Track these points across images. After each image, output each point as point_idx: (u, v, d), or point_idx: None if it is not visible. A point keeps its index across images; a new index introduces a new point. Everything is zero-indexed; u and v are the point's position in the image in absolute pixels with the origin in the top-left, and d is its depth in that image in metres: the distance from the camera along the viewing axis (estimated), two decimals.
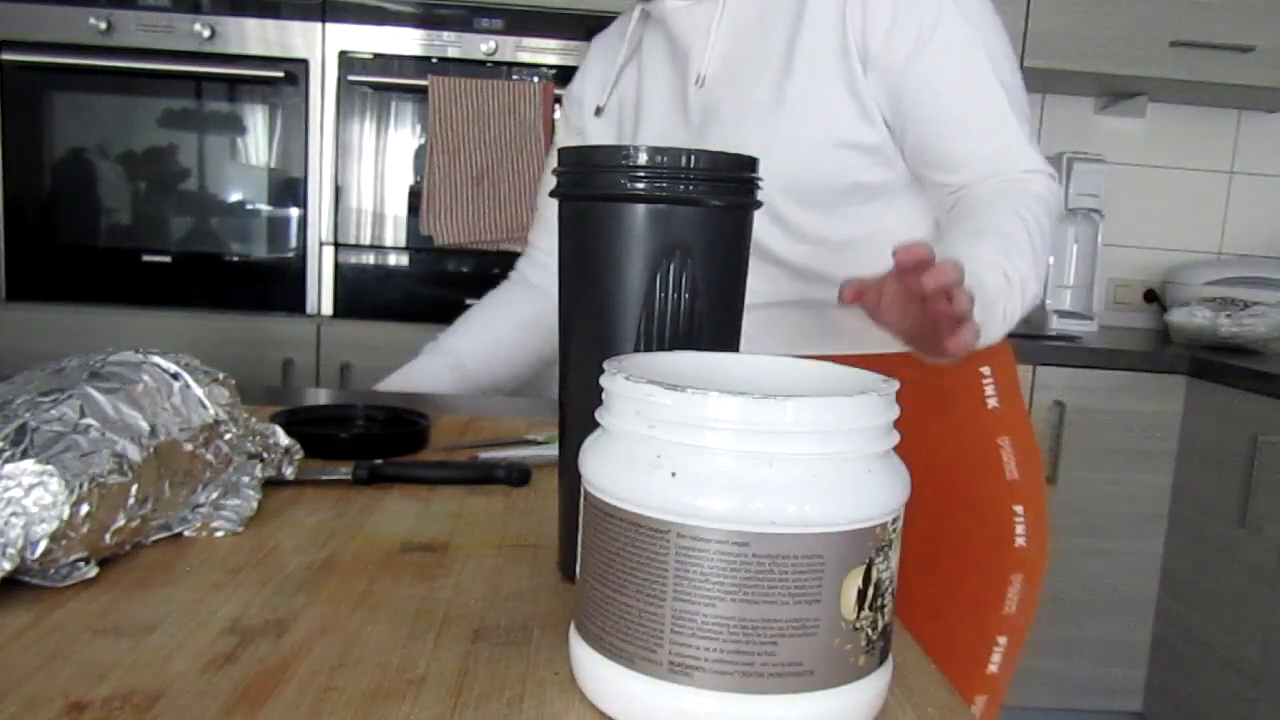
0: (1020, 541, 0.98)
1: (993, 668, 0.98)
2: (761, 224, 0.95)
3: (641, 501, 0.44)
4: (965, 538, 0.97)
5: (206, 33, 2.04)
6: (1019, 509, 0.98)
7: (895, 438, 0.48)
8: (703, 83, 1.00)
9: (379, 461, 0.85)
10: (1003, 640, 0.98)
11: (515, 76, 2.10)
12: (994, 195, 0.91)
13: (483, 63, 2.10)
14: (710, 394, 0.43)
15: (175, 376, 0.72)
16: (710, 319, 0.62)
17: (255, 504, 0.74)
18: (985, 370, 0.99)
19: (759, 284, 1.01)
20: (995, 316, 0.81)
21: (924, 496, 0.94)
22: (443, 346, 1.28)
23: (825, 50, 0.94)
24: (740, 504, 0.42)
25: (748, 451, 0.43)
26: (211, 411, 0.73)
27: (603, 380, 0.48)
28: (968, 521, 0.97)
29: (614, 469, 0.46)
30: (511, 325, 1.29)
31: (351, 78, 2.07)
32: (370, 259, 2.15)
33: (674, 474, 0.43)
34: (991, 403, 0.99)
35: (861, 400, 0.44)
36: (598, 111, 1.12)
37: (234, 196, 2.13)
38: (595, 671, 0.47)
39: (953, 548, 0.97)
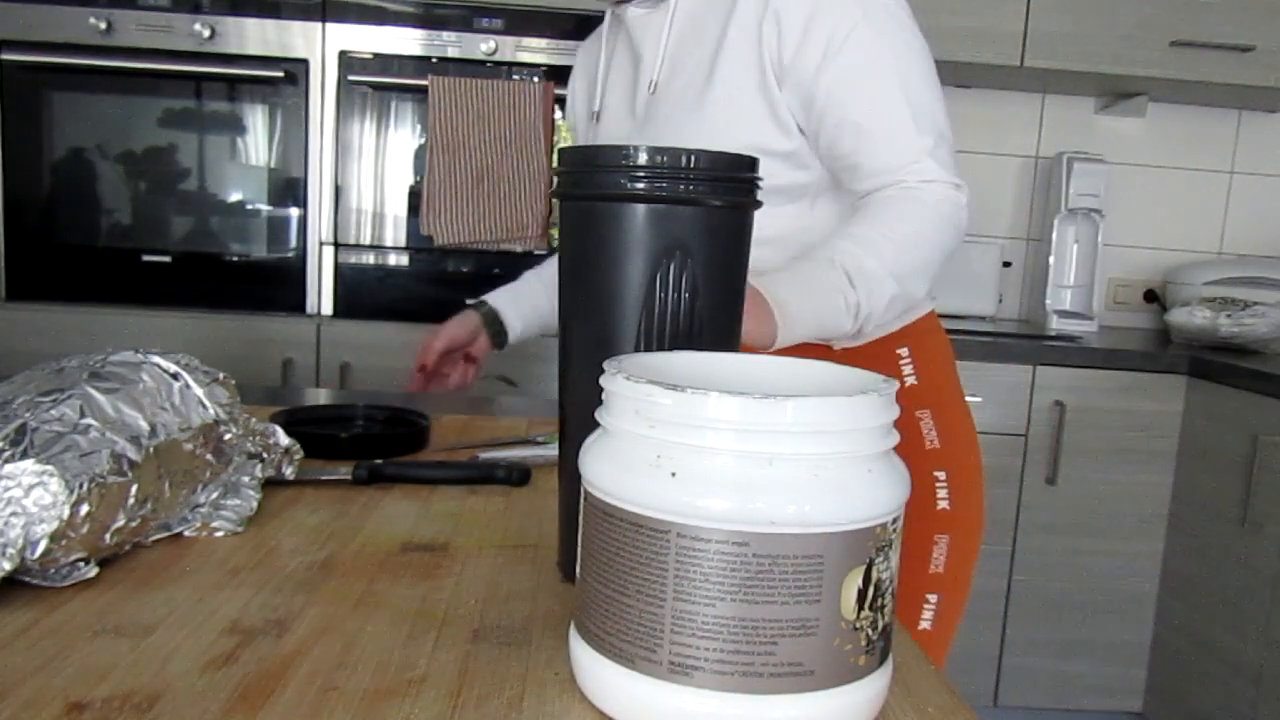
0: (943, 504, 1.04)
1: (925, 624, 1.04)
2: None
3: (641, 501, 0.44)
4: None
5: (206, 33, 2.04)
6: (940, 474, 1.04)
7: (895, 438, 0.48)
8: (654, 89, 1.06)
9: (379, 461, 0.85)
10: (933, 598, 1.04)
11: (515, 76, 2.10)
12: (881, 202, 0.97)
13: (483, 63, 2.10)
14: (710, 394, 0.43)
15: (175, 376, 0.72)
16: (710, 319, 0.62)
17: (255, 504, 0.74)
18: (902, 351, 1.06)
19: None
20: (835, 311, 0.91)
21: None
22: (544, 274, 1.37)
23: (743, 61, 0.99)
24: (740, 504, 0.42)
25: (748, 451, 0.43)
26: (211, 411, 0.73)
27: (603, 380, 0.48)
28: None
29: (614, 469, 0.46)
30: None
31: (351, 78, 2.07)
32: (370, 259, 2.15)
33: (674, 474, 0.43)
34: (910, 380, 1.05)
35: (861, 400, 0.44)
36: (596, 117, 1.16)
37: (234, 196, 2.13)
38: (595, 671, 0.47)
39: None
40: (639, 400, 0.45)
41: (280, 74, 2.06)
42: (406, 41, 2.09)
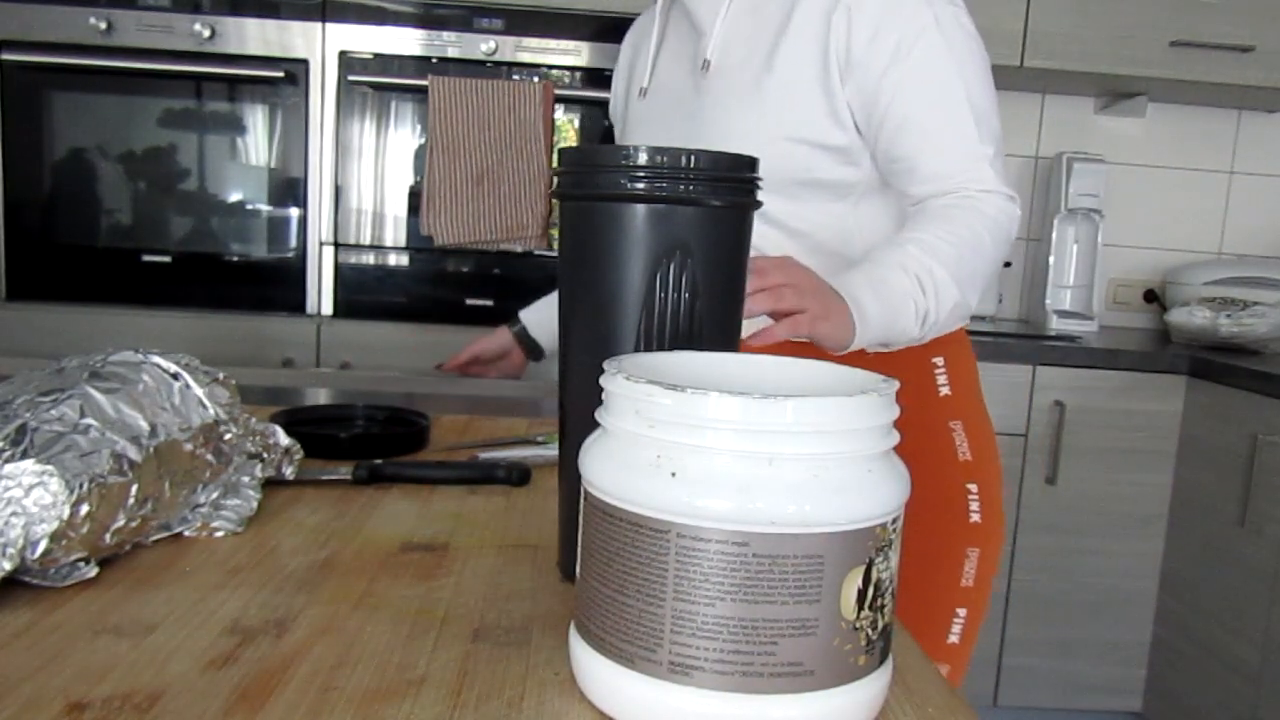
0: (975, 518, 1.04)
1: (954, 638, 1.03)
2: None
3: (641, 501, 0.44)
4: (923, 516, 1.00)
5: (206, 33, 2.04)
6: (973, 487, 1.04)
7: (895, 438, 0.48)
8: (708, 68, 1.04)
9: (379, 461, 0.85)
10: (962, 612, 1.03)
11: (515, 76, 2.10)
12: (942, 209, 0.97)
13: (483, 63, 2.10)
14: (710, 394, 0.43)
15: (175, 376, 0.72)
16: (710, 319, 0.62)
17: (255, 504, 0.74)
18: (938, 361, 1.05)
19: None
20: (906, 316, 0.90)
21: None
22: None
23: (806, 52, 0.99)
24: (740, 504, 0.42)
25: (748, 451, 0.43)
26: (211, 411, 0.73)
27: (603, 380, 0.48)
28: (924, 500, 1.01)
29: (614, 469, 0.46)
30: None
31: (351, 78, 2.07)
32: (370, 259, 2.15)
33: (674, 474, 0.43)
34: (944, 390, 1.04)
35: (861, 400, 0.44)
36: (642, 93, 1.13)
37: (234, 196, 2.13)
38: (595, 671, 0.47)
39: (911, 525, 1.01)
40: (639, 400, 0.45)
41: (280, 74, 2.06)
42: (406, 41, 2.08)
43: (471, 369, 1.37)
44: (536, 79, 2.10)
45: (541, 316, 1.40)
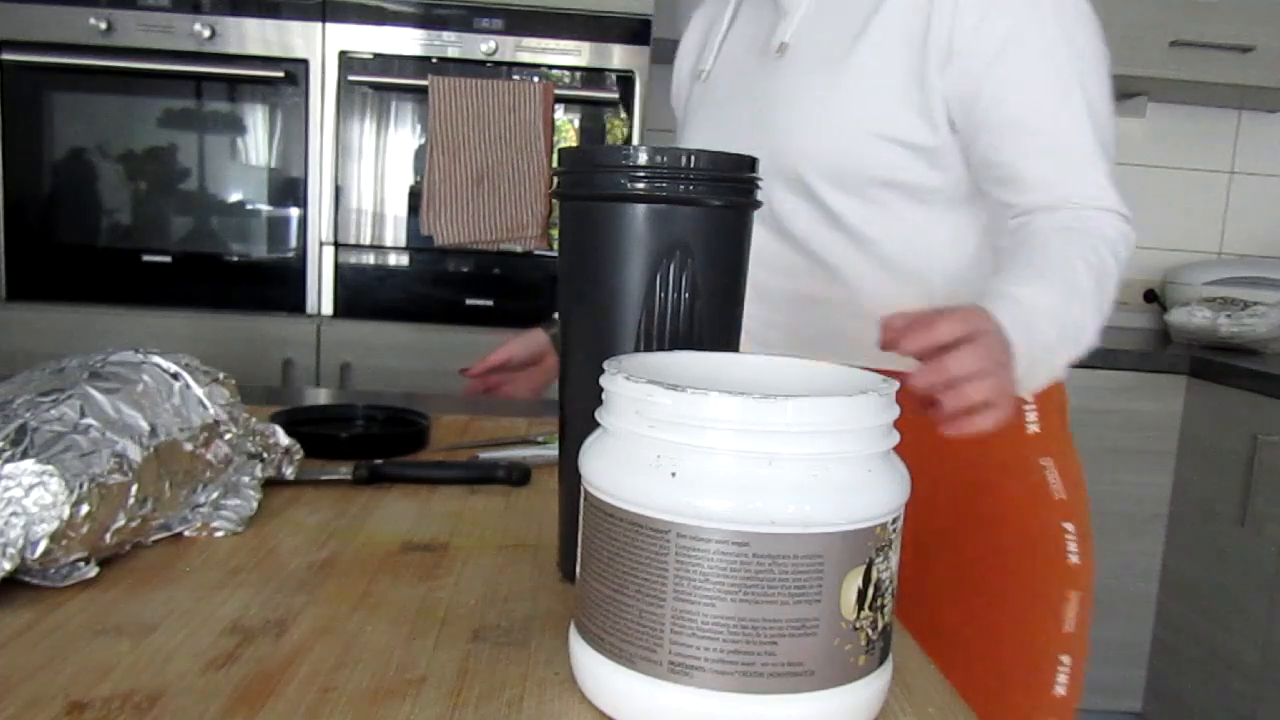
0: (1073, 559, 0.94)
1: (1060, 689, 0.93)
2: (795, 205, 0.94)
3: (641, 501, 0.44)
4: (1020, 561, 0.94)
5: (206, 33, 2.03)
6: (1069, 526, 0.95)
7: (895, 438, 0.48)
8: (784, 51, 0.95)
9: (379, 461, 0.85)
10: (1066, 660, 0.93)
11: (515, 76, 2.10)
12: (1061, 231, 0.84)
13: (483, 63, 2.10)
14: (710, 394, 0.43)
15: (175, 376, 0.72)
16: (710, 319, 0.62)
17: (255, 504, 0.74)
18: (1027, 397, 0.95)
19: (778, 277, 0.97)
20: (1040, 369, 0.77)
21: (973, 523, 0.93)
22: None
23: (899, 38, 0.88)
24: (740, 504, 0.42)
25: (748, 451, 0.43)
26: (211, 411, 0.73)
27: (603, 380, 0.48)
28: (1021, 545, 0.94)
29: (614, 469, 0.46)
30: None
31: (351, 78, 2.07)
32: (370, 259, 2.15)
33: (674, 474, 0.43)
34: (1032, 428, 0.95)
35: (861, 400, 0.44)
36: (703, 76, 1.04)
37: (234, 196, 2.13)
38: (595, 671, 0.47)
39: (1008, 572, 0.94)
40: (639, 400, 0.45)
41: (280, 74, 2.06)
42: (406, 41, 2.08)
43: (499, 389, 1.22)
44: (536, 79, 2.10)
45: None
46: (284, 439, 0.81)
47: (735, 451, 0.43)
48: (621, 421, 0.46)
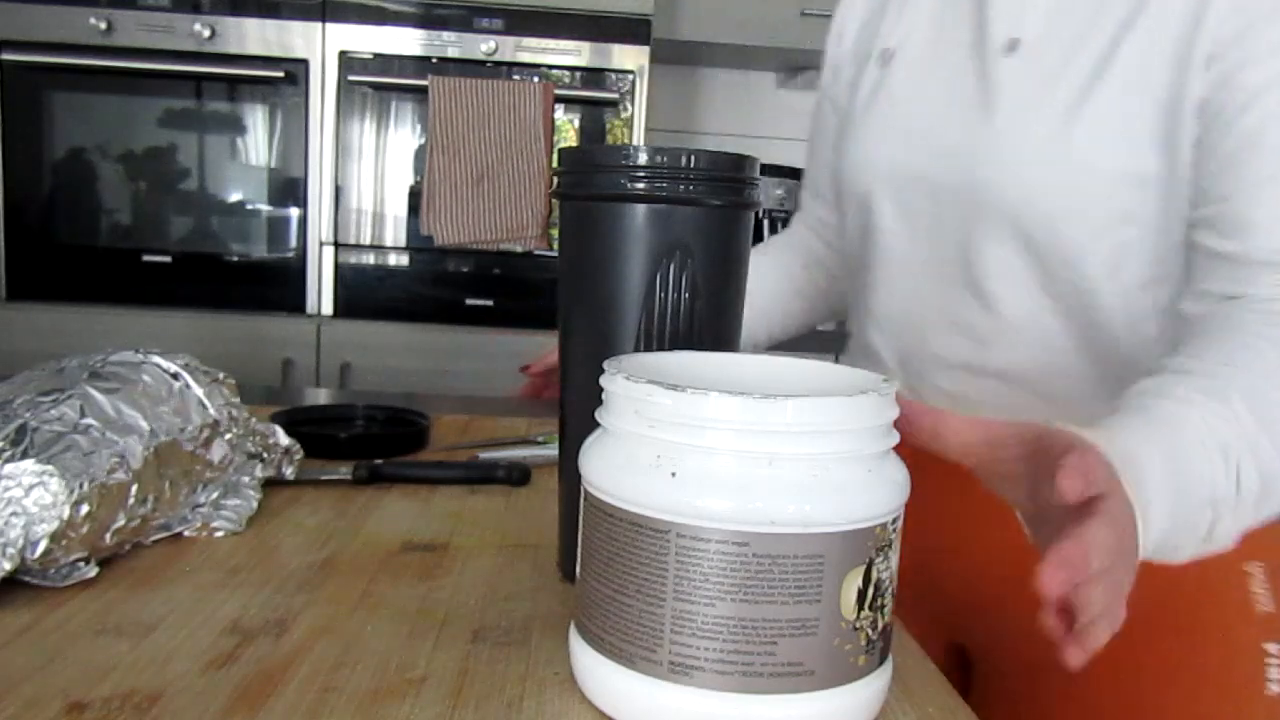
0: (1273, 692, 0.72)
1: None
2: (997, 255, 0.76)
3: (641, 501, 0.44)
4: (1199, 667, 0.73)
5: (206, 33, 2.04)
6: (1271, 648, 0.72)
7: (894, 438, 0.48)
8: (1016, 49, 0.75)
9: (379, 461, 0.85)
10: None
11: (515, 76, 2.10)
12: (1268, 328, 0.62)
13: (483, 63, 2.10)
14: (710, 394, 0.43)
15: (175, 376, 0.72)
16: (710, 319, 0.62)
17: (255, 504, 0.74)
18: (1253, 569, 0.72)
19: (953, 339, 0.80)
20: (1194, 535, 0.56)
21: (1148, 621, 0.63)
22: None
23: (1161, 49, 0.68)
24: (740, 504, 0.42)
25: (747, 451, 0.43)
26: (211, 411, 0.73)
27: (603, 380, 0.48)
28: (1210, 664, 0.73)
29: (614, 469, 0.46)
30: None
31: (351, 78, 2.07)
32: (370, 259, 2.15)
33: (674, 474, 0.43)
34: (1263, 607, 0.72)
35: (862, 400, 0.44)
36: (885, 56, 0.86)
37: (234, 196, 2.13)
38: (595, 671, 0.47)
39: (1183, 679, 0.74)
40: (639, 400, 0.45)
41: (280, 74, 2.06)
42: (406, 41, 2.09)
43: (553, 391, 1.08)
44: (536, 79, 2.10)
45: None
46: (284, 439, 0.81)
47: (735, 451, 0.43)
48: (621, 421, 0.46)
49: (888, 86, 0.85)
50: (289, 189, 2.13)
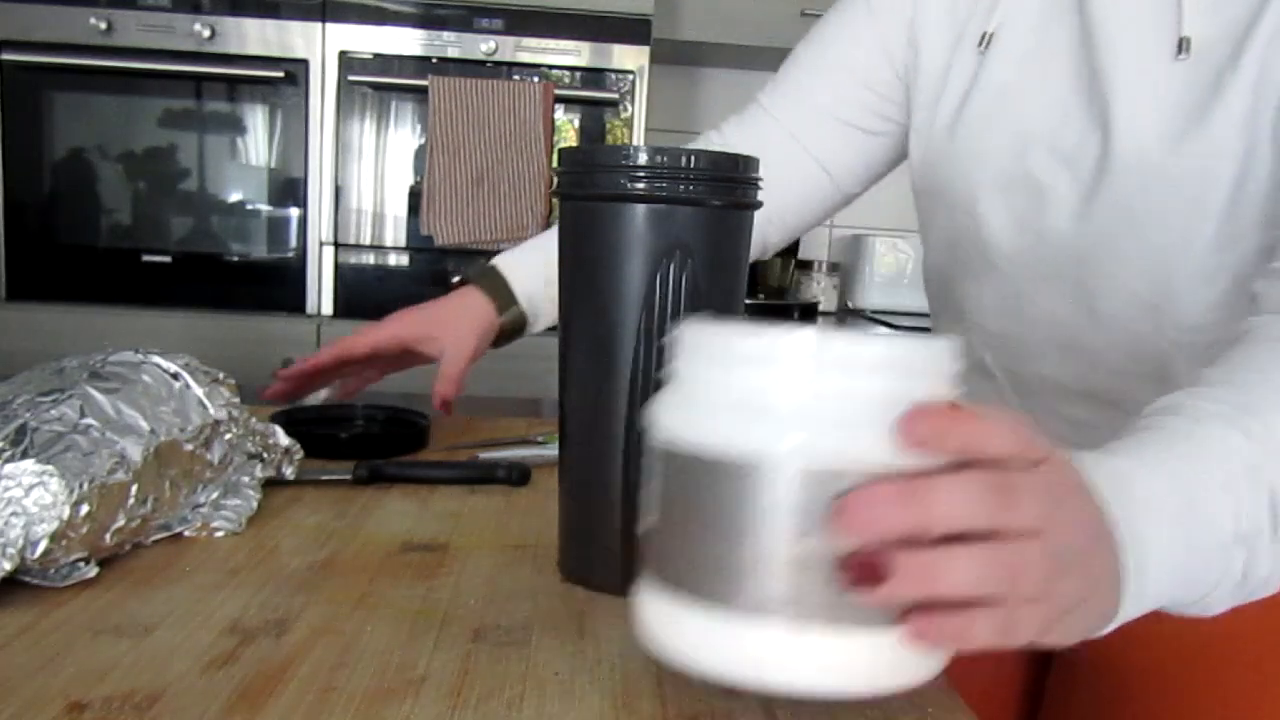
0: None
1: None
2: (1112, 274, 0.70)
3: (723, 444, 0.43)
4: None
5: (206, 33, 2.04)
6: None
7: (962, 388, 0.45)
8: (1188, 48, 0.66)
9: (379, 461, 0.85)
10: None
11: (515, 76, 2.11)
12: None
13: (483, 63, 2.10)
14: (794, 330, 0.42)
15: (175, 376, 0.72)
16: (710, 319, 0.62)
17: (255, 504, 0.74)
18: None
19: (1078, 370, 0.74)
20: (1226, 577, 0.45)
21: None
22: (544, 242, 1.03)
23: None
24: (820, 442, 0.42)
25: (827, 388, 0.42)
26: (211, 411, 0.73)
27: (678, 331, 0.47)
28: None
29: (692, 414, 0.45)
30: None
31: (351, 78, 2.07)
32: (370, 259, 2.15)
33: (756, 413, 0.43)
34: None
35: (939, 344, 0.44)
36: (984, 41, 0.77)
37: (234, 196, 2.13)
38: (672, 620, 0.45)
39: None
40: (717, 344, 0.44)
41: (280, 74, 2.06)
42: (406, 41, 2.09)
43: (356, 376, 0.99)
44: (536, 79, 2.10)
45: (533, 271, 0.97)
46: (284, 439, 0.81)
47: (815, 389, 0.42)
48: (699, 367, 0.45)
49: (990, 76, 0.76)
50: (289, 189, 2.13)
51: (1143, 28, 0.68)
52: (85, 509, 0.58)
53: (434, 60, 2.10)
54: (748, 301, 0.95)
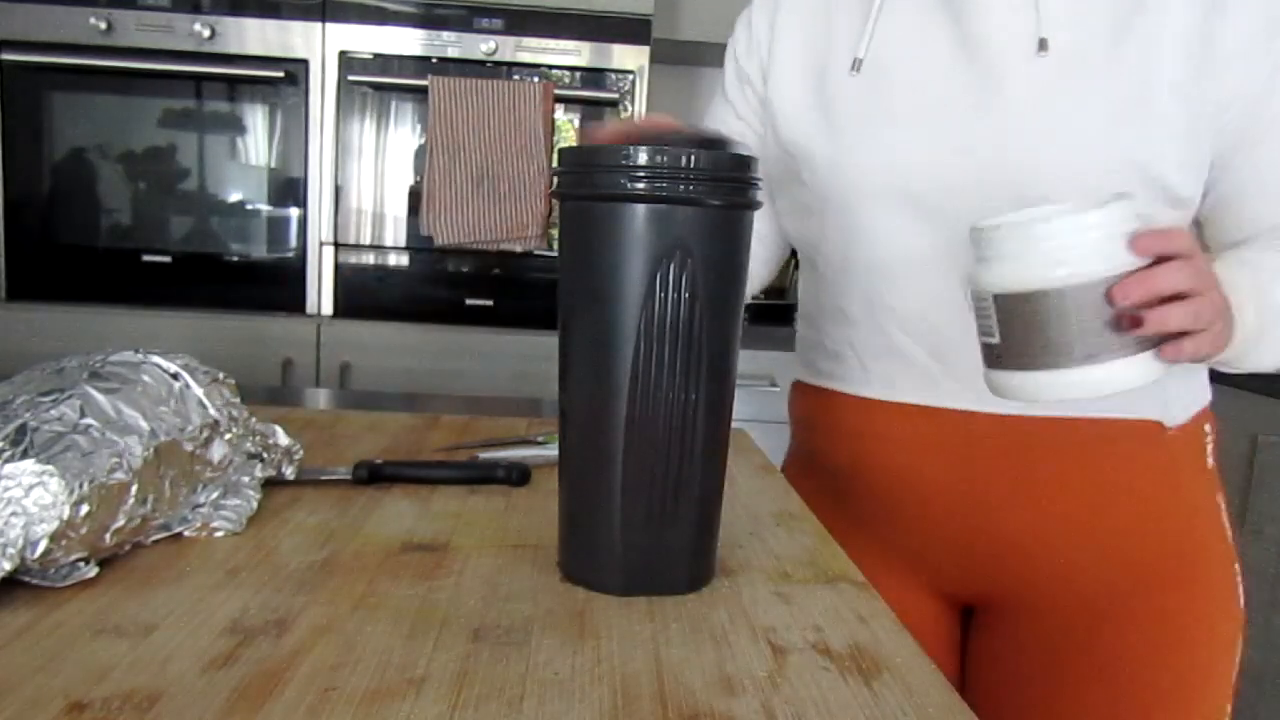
0: (1241, 604, 0.93)
1: None
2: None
3: (1042, 282, 0.65)
4: (1200, 612, 0.90)
5: (206, 33, 2.04)
6: (1237, 569, 0.93)
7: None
8: (1045, 49, 0.79)
9: (379, 461, 0.85)
10: (1228, 708, 0.92)
11: (515, 76, 2.11)
12: None
13: (483, 63, 2.10)
14: (1065, 216, 0.65)
15: (175, 376, 0.72)
16: (710, 319, 0.62)
17: (255, 504, 0.74)
18: (1207, 428, 0.89)
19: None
20: (1271, 341, 0.74)
21: (1157, 571, 0.86)
22: None
23: (1170, 37, 0.76)
24: (1091, 268, 0.64)
25: (1085, 240, 0.64)
26: (211, 411, 0.73)
27: (990, 224, 0.67)
28: (1200, 594, 0.90)
29: (1014, 269, 0.66)
30: None
31: (351, 78, 2.07)
32: (370, 259, 2.15)
33: (1055, 263, 0.64)
34: (1209, 461, 0.89)
35: (1126, 203, 0.66)
36: (855, 66, 0.87)
37: (234, 196, 2.13)
38: (1032, 383, 0.67)
39: (1187, 624, 0.90)
40: (1032, 225, 0.66)
41: (280, 74, 2.06)
42: (406, 41, 2.09)
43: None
44: (536, 79, 2.10)
45: None
46: (284, 439, 0.81)
47: (1080, 243, 0.64)
48: (1016, 246, 0.66)
49: (879, 92, 0.85)
50: (289, 189, 2.13)
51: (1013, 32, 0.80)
52: (85, 509, 0.58)
53: (434, 60, 2.10)
54: (747, 301, 0.95)
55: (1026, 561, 0.87)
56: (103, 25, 2.02)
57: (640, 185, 0.60)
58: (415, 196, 2.13)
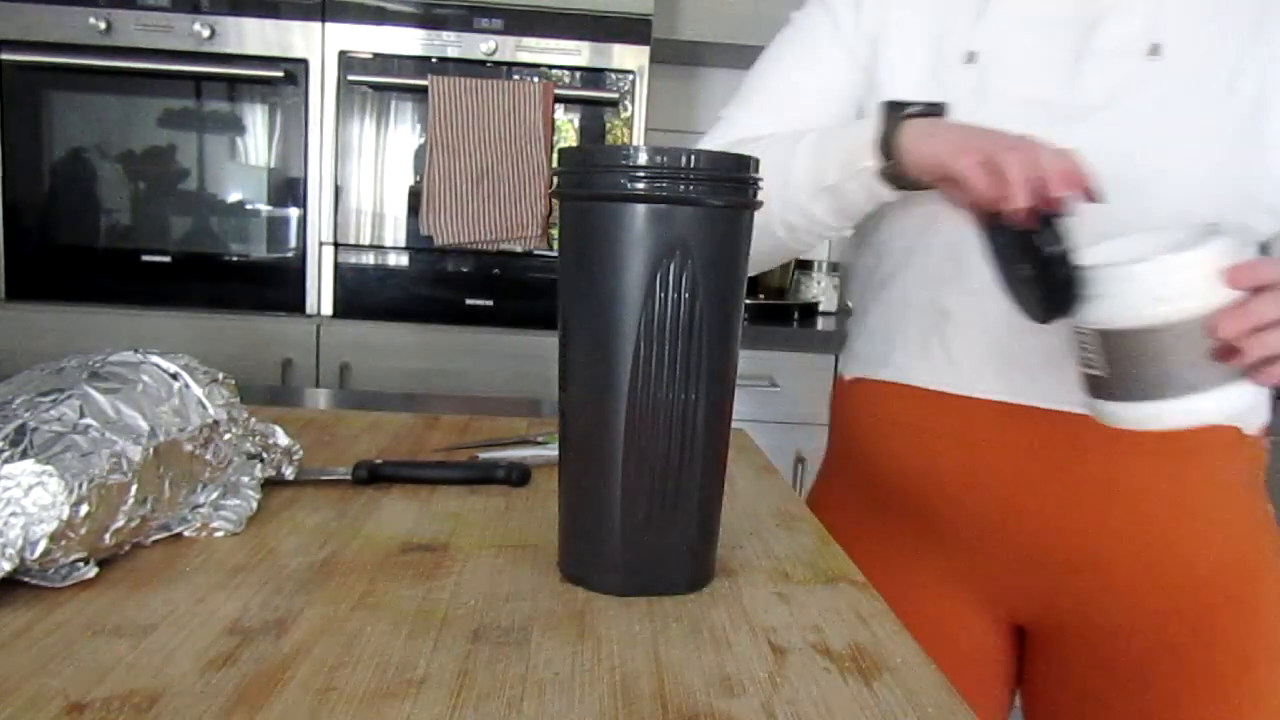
0: None
1: None
2: None
3: (1149, 319, 0.67)
4: (1259, 630, 0.85)
5: (206, 33, 2.04)
6: None
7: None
8: (1158, 53, 0.78)
9: (379, 461, 0.85)
10: None
11: (515, 76, 2.11)
12: None
13: (483, 63, 2.10)
14: (1164, 258, 0.67)
15: (175, 376, 0.72)
16: (710, 319, 0.62)
17: (255, 504, 0.74)
18: (1266, 443, 0.88)
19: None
20: None
21: (1219, 586, 0.83)
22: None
23: None
24: (1191, 303, 0.66)
25: (1185, 278, 0.66)
26: (211, 411, 0.73)
27: (1089, 262, 0.69)
28: (1262, 609, 0.85)
29: (1118, 307, 0.68)
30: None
31: (351, 78, 2.07)
32: (370, 259, 2.15)
33: (1157, 300, 0.66)
34: (1262, 474, 0.88)
35: (1222, 240, 0.67)
36: (970, 58, 0.84)
37: (234, 196, 2.13)
38: (1138, 411, 0.70)
39: (1243, 642, 0.85)
40: (1140, 268, 0.67)
41: (280, 74, 2.06)
42: (406, 41, 2.09)
43: None
44: (536, 79, 2.10)
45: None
46: (284, 439, 0.81)
47: (1179, 279, 0.67)
48: (1116, 286, 0.68)
49: (988, 88, 0.83)
50: (289, 189, 2.13)
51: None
52: (85, 509, 0.58)
53: (434, 60, 2.10)
54: (748, 301, 0.94)
55: (1098, 575, 0.84)
56: (102, 25, 2.02)
57: (640, 185, 0.60)
58: (415, 196, 2.13)
